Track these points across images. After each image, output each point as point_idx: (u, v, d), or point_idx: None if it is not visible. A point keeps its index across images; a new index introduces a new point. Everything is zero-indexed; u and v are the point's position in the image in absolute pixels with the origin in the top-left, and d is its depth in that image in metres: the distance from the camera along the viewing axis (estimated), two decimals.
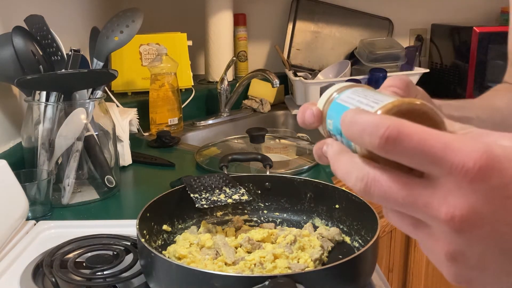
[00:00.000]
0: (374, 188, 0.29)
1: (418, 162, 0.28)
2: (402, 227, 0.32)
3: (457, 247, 0.29)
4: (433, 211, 0.28)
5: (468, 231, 0.27)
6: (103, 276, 0.67)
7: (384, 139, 0.27)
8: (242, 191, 0.80)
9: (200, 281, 0.56)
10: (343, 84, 0.37)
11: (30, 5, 1.15)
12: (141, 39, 1.60)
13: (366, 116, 0.28)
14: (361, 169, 0.30)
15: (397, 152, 0.28)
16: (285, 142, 1.39)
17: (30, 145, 0.97)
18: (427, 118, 0.29)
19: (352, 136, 0.29)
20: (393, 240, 1.48)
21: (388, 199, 0.29)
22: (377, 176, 0.29)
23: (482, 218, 0.27)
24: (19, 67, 0.94)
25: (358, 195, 0.30)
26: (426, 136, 0.27)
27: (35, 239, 0.81)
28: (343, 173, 0.31)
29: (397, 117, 0.28)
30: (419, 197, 0.28)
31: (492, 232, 0.28)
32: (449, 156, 0.26)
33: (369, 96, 0.32)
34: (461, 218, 0.27)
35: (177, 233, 0.79)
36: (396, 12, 2.02)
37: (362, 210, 0.74)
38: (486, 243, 0.28)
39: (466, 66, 1.76)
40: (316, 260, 0.68)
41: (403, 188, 0.29)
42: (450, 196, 0.27)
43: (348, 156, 0.31)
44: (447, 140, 0.27)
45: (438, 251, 0.30)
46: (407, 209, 0.29)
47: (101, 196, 0.99)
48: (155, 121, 1.47)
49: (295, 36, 1.95)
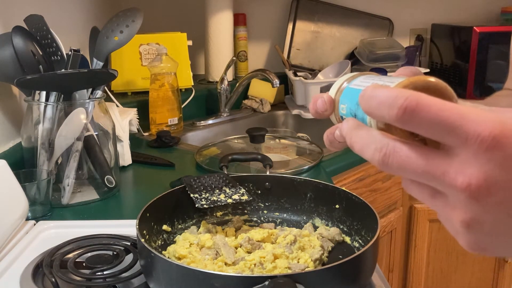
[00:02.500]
0: (393, 158, 0.30)
1: (436, 132, 0.29)
2: (421, 197, 0.33)
3: (472, 214, 0.30)
4: (450, 180, 0.29)
5: (483, 198, 0.28)
6: (103, 276, 0.67)
7: (402, 109, 0.28)
8: (242, 191, 0.80)
9: (200, 281, 0.56)
10: (352, 74, 0.38)
11: (30, 5, 1.15)
12: (141, 39, 1.60)
13: (385, 90, 0.29)
14: (380, 141, 0.31)
15: (415, 123, 0.29)
16: (285, 142, 1.39)
17: (30, 145, 0.97)
18: (441, 95, 0.31)
19: (371, 109, 0.30)
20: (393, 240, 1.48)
21: (407, 169, 0.30)
22: (396, 146, 0.30)
23: (496, 186, 0.28)
24: (19, 67, 0.94)
25: (378, 167, 0.32)
26: (443, 107, 0.28)
27: (35, 239, 0.81)
28: (361, 145, 0.32)
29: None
30: (437, 167, 0.29)
31: (506, 199, 0.29)
32: (465, 126, 0.28)
33: (384, 78, 0.34)
34: (477, 186, 0.28)
35: (177, 233, 0.78)
36: (396, 12, 2.02)
37: (362, 210, 0.74)
38: (501, 210, 0.29)
39: (466, 66, 1.76)
40: (316, 260, 0.68)
41: (421, 158, 0.30)
42: (466, 165, 0.28)
43: (365, 130, 0.33)
44: (464, 111, 0.28)
45: (454, 219, 0.31)
46: (425, 179, 0.30)
47: (101, 196, 0.99)
48: (155, 121, 1.47)
49: (295, 36, 1.95)
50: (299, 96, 1.69)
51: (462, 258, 1.58)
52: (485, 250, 0.32)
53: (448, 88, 0.31)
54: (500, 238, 0.31)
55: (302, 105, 1.69)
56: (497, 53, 1.72)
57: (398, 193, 1.45)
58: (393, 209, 1.45)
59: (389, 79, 0.33)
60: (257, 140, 1.28)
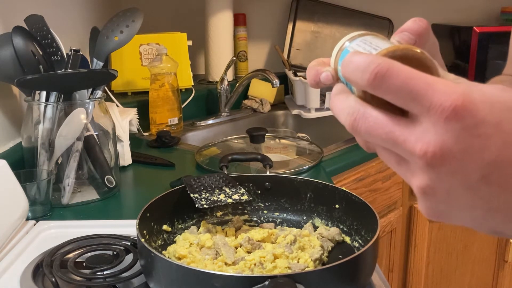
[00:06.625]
0: (361, 123, 0.32)
1: (402, 99, 0.30)
2: (389, 163, 0.34)
3: (428, 181, 0.31)
4: (410, 147, 0.30)
5: (438, 166, 0.30)
6: (103, 276, 0.67)
7: (374, 74, 0.29)
8: (242, 191, 0.80)
9: (200, 281, 0.56)
10: (356, 33, 0.38)
11: (30, 5, 1.15)
12: (141, 39, 1.60)
13: (361, 56, 0.31)
14: (353, 106, 0.32)
15: (384, 88, 0.30)
16: (285, 142, 1.39)
17: (30, 145, 0.97)
18: (421, 64, 0.31)
19: (347, 73, 0.32)
20: (393, 240, 1.48)
21: (372, 134, 0.32)
22: (366, 112, 0.32)
23: (451, 155, 0.29)
24: (19, 67, 0.94)
25: (349, 131, 0.33)
26: (411, 75, 0.29)
27: (35, 239, 0.81)
28: (338, 109, 0.34)
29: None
30: (400, 134, 0.31)
31: (459, 168, 0.30)
32: (429, 95, 0.29)
33: (373, 44, 0.34)
34: (433, 154, 0.29)
35: (177, 233, 0.78)
36: (396, 12, 2.02)
37: (362, 210, 0.74)
38: (454, 179, 0.30)
39: (466, 66, 1.76)
40: (316, 260, 0.68)
41: (387, 124, 0.31)
42: (426, 133, 0.29)
43: (344, 95, 0.34)
44: (431, 81, 0.29)
45: (413, 185, 0.32)
46: (390, 144, 0.32)
47: (101, 196, 0.99)
48: (155, 121, 1.47)
49: (295, 36, 1.95)
50: (299, 96, 1.69)
51: (462, 258, 1.58)
52: (440, 217, 0.33)
53: (427, 58, 0.32)
54: (455, 207, 0.32)
55: (302, 105, 1.69)
56: (497, 53, 1.72)
57: (398, 193, 1.45)
58: (393, 209, 1.45)
59: (376, 45, 0.34)
60: (257, 140, 1.28)
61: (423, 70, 0.30)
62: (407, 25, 0.39)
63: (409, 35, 0.38)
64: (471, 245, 1.57)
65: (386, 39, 0.37)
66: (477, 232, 1.68)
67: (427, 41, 0.40)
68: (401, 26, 0.39)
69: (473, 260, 1.59)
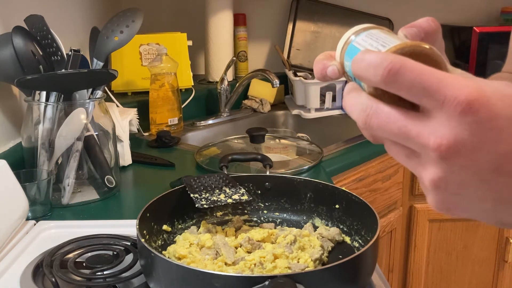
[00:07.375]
0: (374, 119, 0.32)
1: (415, 94, 0.30)
2: (398, 158, 0.35)
3: (440, 174, 0.32)
4: (424, 140, 0.31)
5: (452, 159, 0.30)
6: (103, 276, 0.67)
7: (387, 70, 0.30)
8: (242, 191, 0.80)
9: (200, 281, 0.56)
10: (361, 26, 0.38)
11: (30, 5, 1.15)
12: (141, 39, 1.60)
13: (373, 54, 0.31)
14: (365, 103, 0.33)
15: (397, 85, 0.30)
16: (285, 142, 1.39)
17: (30, 145, 0.97)
18: (429, 60, 0.32)
19: (359, 71, 0.32)
20: (393, 240, 1.48)
21: (385, 129, 0.32)
22: (379, 108, 0.32)
23: (464, 148, 0.30)
24: (19, 67, 0.94)
25: (362, 128, 0.34)
26: (424, 71, 0.30)
27: (35, 239, 0.81)
28: (350, 106, 0.35)
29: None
30: (413, 128, 0.31)
31: (473, 160, 0.30)
32: (442, 90, 0.29)
33: (380, 39, 0.35)
34: (447, 147, 0.30)
35: (177, 233, 0.79)
36: (396, 12, 2.02)
37: (362, 210, 0.74)
38: (466, 171, 0.31)
39: (466, 66, 1.76)
40: (316, 260, 0.68)
41: (400, 119, 0.32)
42: (440, 127, 0.30)
43: (356, 93, 0.35)
44: (443, 76, 0.30)
45: (424, 178, 0.33)
46: (402, 139, 0.32)
47: (101, 196, 0.99)
48: (155, 121, 1.47)
49: (295, 36, 1.94)
50: (299, 96, 1.69)
51: (462, 258, 1.58)
52: (450, 210, 0.34)
53: (436, 53, 0.32)
54: (465, 199, 0.33)
55: (302, 105, 1.69)
56: (497, 53, 1.72)
57: (398, 193, 1.45)
58: (393, 209, 1.45)
59: (383, 41, 0.34)
60: (257, 140, 1.28)
61: (432, 65, 0.31)
62: (418, 22, 0.39)
63: (416, 31, 0.39)
64: (471, 245, 1.57)
65: (392, 32, 0.37)
66: (477, 232, 1.69)
67: (435, 41, 0.40)
68: (412, 22, 0.39)
69: (473, 260, 1.59)
